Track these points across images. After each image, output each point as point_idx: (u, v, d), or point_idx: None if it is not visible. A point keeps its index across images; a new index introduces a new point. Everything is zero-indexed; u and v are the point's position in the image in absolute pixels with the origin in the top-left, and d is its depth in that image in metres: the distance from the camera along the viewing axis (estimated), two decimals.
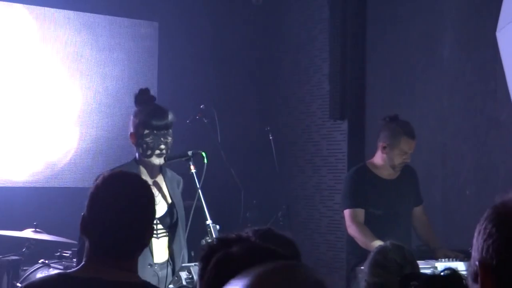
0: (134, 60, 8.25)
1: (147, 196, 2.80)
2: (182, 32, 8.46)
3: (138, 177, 2.96)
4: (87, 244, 2.73)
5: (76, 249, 4.74)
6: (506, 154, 6.87)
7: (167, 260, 4.65)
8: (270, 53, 8.80)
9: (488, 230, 1.68)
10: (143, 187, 2.82)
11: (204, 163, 4.62)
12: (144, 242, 2.78)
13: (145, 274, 4.26)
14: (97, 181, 2.77)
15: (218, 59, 8.68)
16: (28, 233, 6.08)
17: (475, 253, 1.70)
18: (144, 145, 4.58)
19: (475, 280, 1.68)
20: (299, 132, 8.48)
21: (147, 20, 8.38)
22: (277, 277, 1.37)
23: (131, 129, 4.66)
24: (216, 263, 1.92)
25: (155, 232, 4.53)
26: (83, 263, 2.73)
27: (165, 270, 4.62)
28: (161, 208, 4.67)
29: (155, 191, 4.60)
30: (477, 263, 1.69)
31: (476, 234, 1.71)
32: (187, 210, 4.70)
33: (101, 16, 8.07)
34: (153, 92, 4.95)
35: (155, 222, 4.27)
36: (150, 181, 4.58)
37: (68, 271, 2.82)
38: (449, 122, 7.34)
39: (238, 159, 8.03)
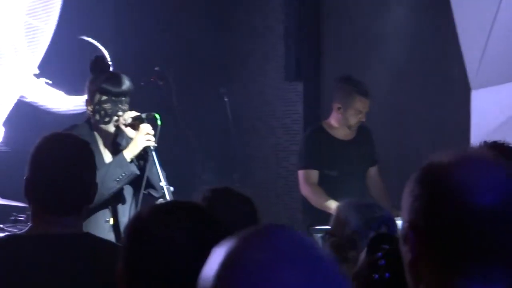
0: (88, 19, 8.14)
1: (86, 155, 2.85)
2: None
3: (76, 136, 3.01)
4: (31, 206, 2.77)
5: (30, 213, 4.71)
6: (459, 112, 6.91)
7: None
8: (226, 15, 8.75)
9: (415, 192, 1.68)
10: (82, 146, 2.87)
11: (157, 125, 4.59)
12: (86, 199, 2.81)
13: (100, 229, 4.26)
14: (36, 143, 2.80)
15: (172, 20, 8.62)
16: None
17: (404, 215, 1.70)
18: (102, 112, 4.51)
19: (405, 242, 1.68)
20: (254, 93, 8.47)
21: None
22: (258, 239, 1.35)
23: (87, 96, 4.61)
24: (130, 227, 1.96)
25: None
26: (29, 224, 2.79)
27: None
28: None
29: (107, 155, 4.58)
30: (406, 224, 1.69)
31: (404, 196, 1.72)
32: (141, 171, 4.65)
33: None
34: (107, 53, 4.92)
35: None
36: (103, 148, 4.57)
37: (17, 232, 2.87)
38: (405, 83, 7.38)
39: (193, 121, 8.01)
